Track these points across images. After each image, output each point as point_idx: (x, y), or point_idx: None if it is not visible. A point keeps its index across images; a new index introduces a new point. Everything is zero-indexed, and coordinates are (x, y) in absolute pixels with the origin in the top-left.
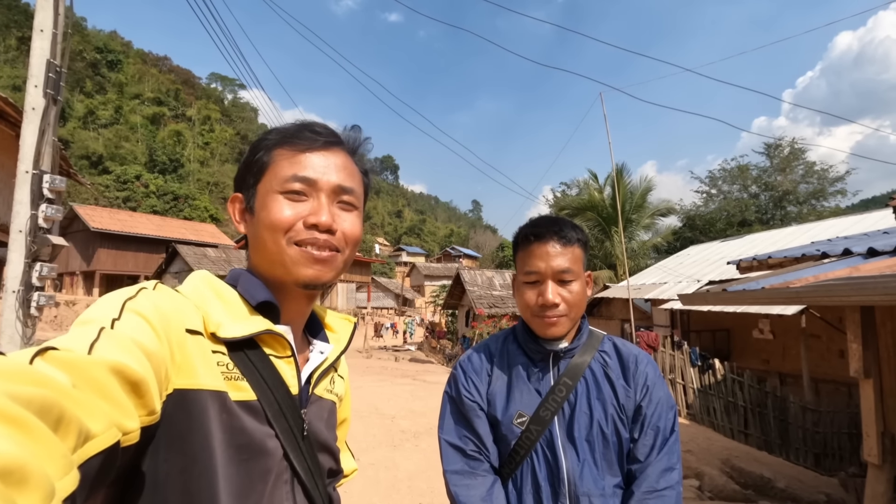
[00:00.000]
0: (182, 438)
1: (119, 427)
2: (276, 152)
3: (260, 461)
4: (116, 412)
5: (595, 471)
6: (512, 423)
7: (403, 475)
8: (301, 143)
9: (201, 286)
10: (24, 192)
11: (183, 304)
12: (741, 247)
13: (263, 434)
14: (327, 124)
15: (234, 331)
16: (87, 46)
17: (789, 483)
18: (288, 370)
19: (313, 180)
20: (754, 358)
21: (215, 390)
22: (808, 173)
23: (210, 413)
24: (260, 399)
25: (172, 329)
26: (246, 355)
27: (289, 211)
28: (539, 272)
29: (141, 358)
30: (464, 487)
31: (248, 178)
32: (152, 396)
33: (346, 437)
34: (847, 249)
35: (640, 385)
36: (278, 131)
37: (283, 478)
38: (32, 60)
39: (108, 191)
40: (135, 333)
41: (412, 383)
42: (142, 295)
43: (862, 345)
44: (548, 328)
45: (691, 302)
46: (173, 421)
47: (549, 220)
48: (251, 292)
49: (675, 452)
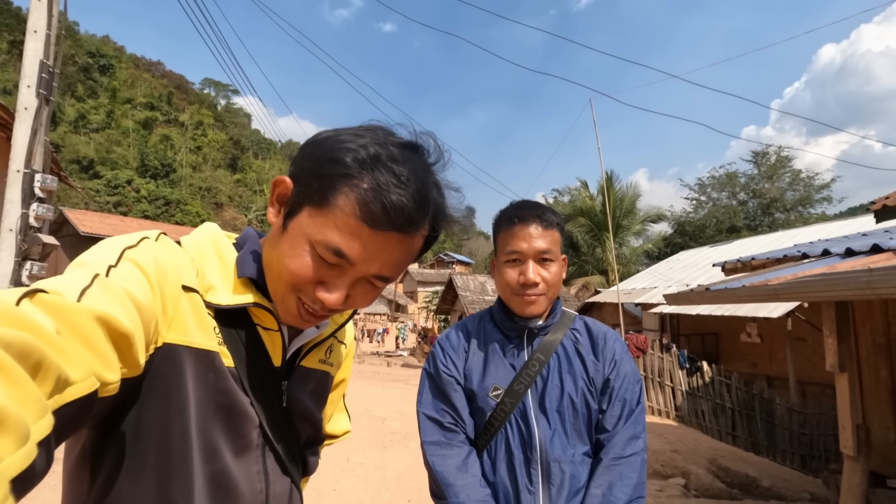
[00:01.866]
0: (166, 392)
1: (98, 377)
2: (344, 196)
3: (236, 424)
4: (98, 362)
5: (565, 439)
6: (488, 395)
7: (392, 474)
8: (370, 215)
9: (205, 242)
10: (14, 191)
11: (182, 259)
12: (730, 252)
13: (243, 400)
14: (410, 200)
15: (222, 298)
16: (80, 50)
17: (774, 482)
18: (272, 342)
19: (350, 261)
20: (742, 361)
21: (205, 349)
22: (794, 181)
23: (196, 370)
24: (237, 367)
25: (168, 283)
26: (231, 322)
27: (307, 272)
28: (521, 252)
29: (131, 310)
30: (440, 457)
31: (307, 184)
32: (137, 350)
33: (342, 396)
34: (826, 250)
35: (608, 360)
36: (369, 168)
37: (255, 443)
38: (25, 61)
39: (98, 195)
40: (128, 284)
41: (403, 387)
42: (143, 245)
43: (837, 339)
44: (527, 306)
45: (676, 301)
46: (159, 374)
47: (531, 204)
48: (242, 264)
49: (641, 423)
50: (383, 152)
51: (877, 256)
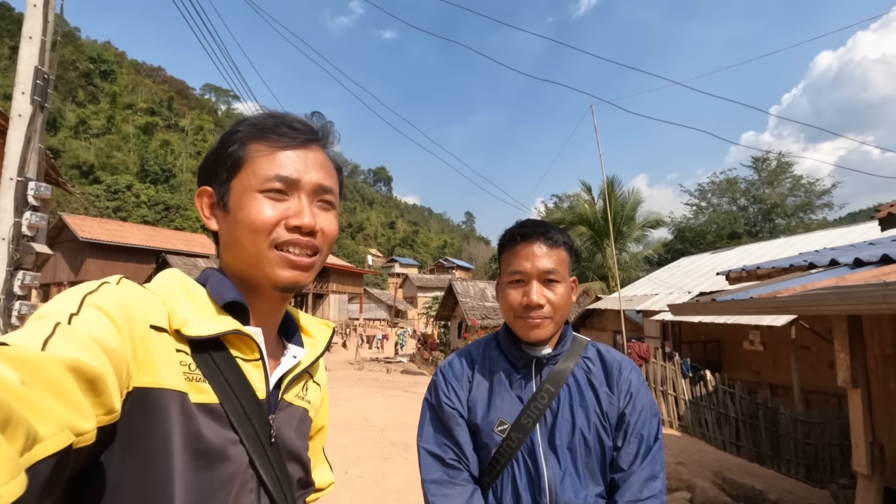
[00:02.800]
0: (139, 439)
1: (72, 428)
2: (252, 147)
3: (221, 468)
4: (70, 412)
5: (577, 480)
6: (493, 430)
7: (392, 488)
8: (280, 140)
9: (170, 283)
10: (7, 200)
11: (147, 299)
12: (731, 258)
13: (225, 440)
14: (302, 118)
15: (199, 329)
16: (81, 56)
17: (781, 495)
18: (255, 373)
19: (295, 180)
20: (745, 369)
21: (176, 390)
22: (795, 186)
23: (170, 413)
24: (223, 402)
25: (136, 325)
26: (210, 356)
27: (270, 211)
28: (524, 272)
29: (99, 354)
30: (442, 497)
31: (219, 171)
32: (111, 394)
33: (322, 446)
34: (834, 260)
35: (623, 392)
36: (252, 124)
37: (249, 486)
38: (20, 67)
39: (98, 200)
40: (93, 329)
41: (403, 395)
42: (103, 289)
43: (850, 354)
44: (531, 330)
45: (681, 312)
46: (131, 420)
47: (535, 223)
48: (219, 291)
49: (659, 461)
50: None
51: (887, 268)
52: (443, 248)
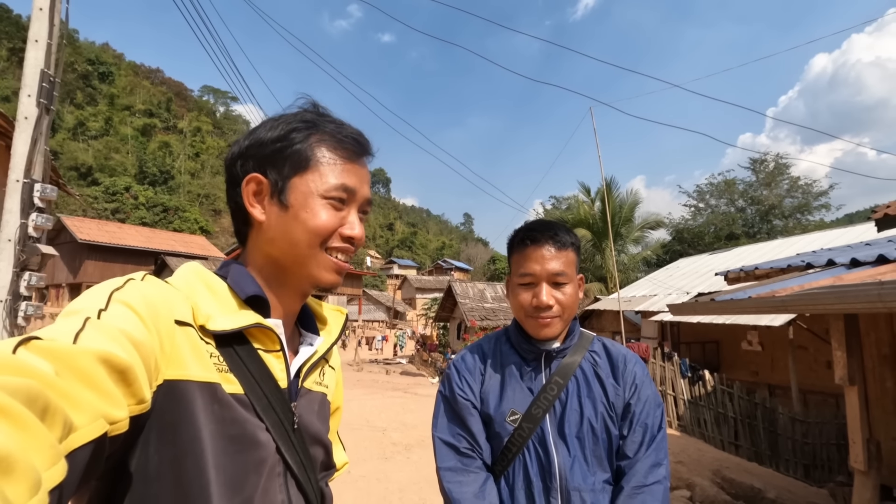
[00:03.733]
0: (173, 429)
1: (106, 417)
2: (320, 150)
3: (253, 452)
4: (103, 401)
5: (585, 467)
6: (505, 420)
7: (394, 487)
8: (346, 151)
9: (192, 278)
10: (14, 201)
11: (172, 295)
12: (729, 259)
13: (255, 426)
14: (357, 130)
15: (223, 324)
16: (79, 58)
17: (779, 494)
18: (276, 364)
19: (354, 192)
20: (743, 369)
21: (206, 381)
22: (792, 188)
23: (200, 403)
24: (248, 393)
25: (161, 319)
26: (234, 349)
27: (333, 219)
28: (534, 274)
29: (127, 346)
30: (457, 484)
31: (279, 163)
32: (141, 385)
33: (338, 427)
34: (831, 260)
35: (628, 383)
36: (314, 124)
37: (277, 470)
38: (26, 70)
39: (96, 202)
40: (122, 323)
41: (403, 396)
42: (130, 285)
43: (846, 352)
44: (541, 329)
45: (680, 312)
46: (164, 412)
47: (544, 224)
48: (241, 285)
49: (663, 449)
50: (306, 114)
51: (883, 268)
52: (441, 250)
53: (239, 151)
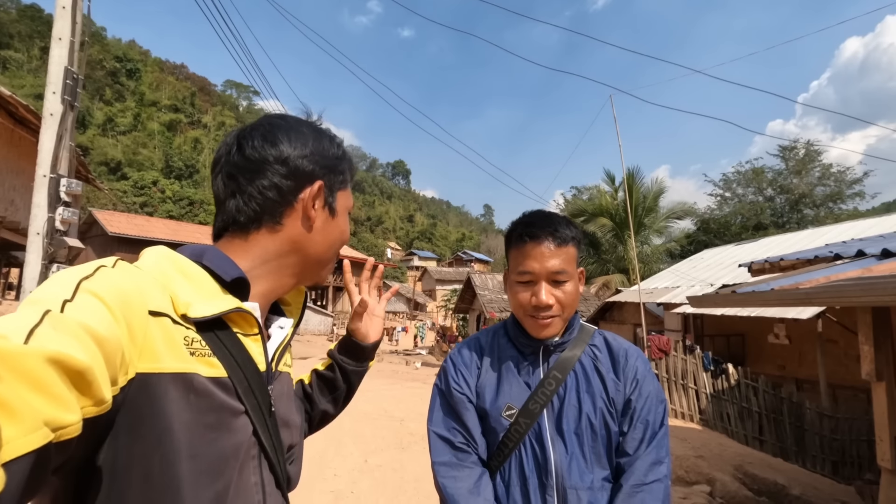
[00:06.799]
0: (142, 423)
1: (51, 423)
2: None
3: (231, 437)
4: (50, 406)
5: (583, 464)
6: (501, 415)
7: (410, 477)
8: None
9: (165, 264)
10: (41, 196)
11: (145, 283)
12: (755, 250)
13: (235, 410)
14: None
15: (203, 310)
16: (107, 55)
17: (804, 490)
18: (255, 348)
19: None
20: (770, 363)
21: (180, 372)
22: (824, 175)
23: (173, 396)
24: (230, 376)
25: (133, 311)
26: (215, 334)
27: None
28: (533, 273)
29: (88, 344)
30: (451, 479)
31: (331, 178)
32: (99, 385)
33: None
34: (860, 251)
35: (629, 379)
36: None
37: (252, 453)
38: (51, 68)
39: (125, 196)
40: (85, 317)
41: (422, 387)
42: (100, 273)
43: (874, 347)
44: (541, 329)
45: (700, 304)
46: (135, 406)
47: (543, 219)
48: (223, 268)
49: (664, 446)
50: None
51: None
52: (461, 241)
53: (301, 154)
